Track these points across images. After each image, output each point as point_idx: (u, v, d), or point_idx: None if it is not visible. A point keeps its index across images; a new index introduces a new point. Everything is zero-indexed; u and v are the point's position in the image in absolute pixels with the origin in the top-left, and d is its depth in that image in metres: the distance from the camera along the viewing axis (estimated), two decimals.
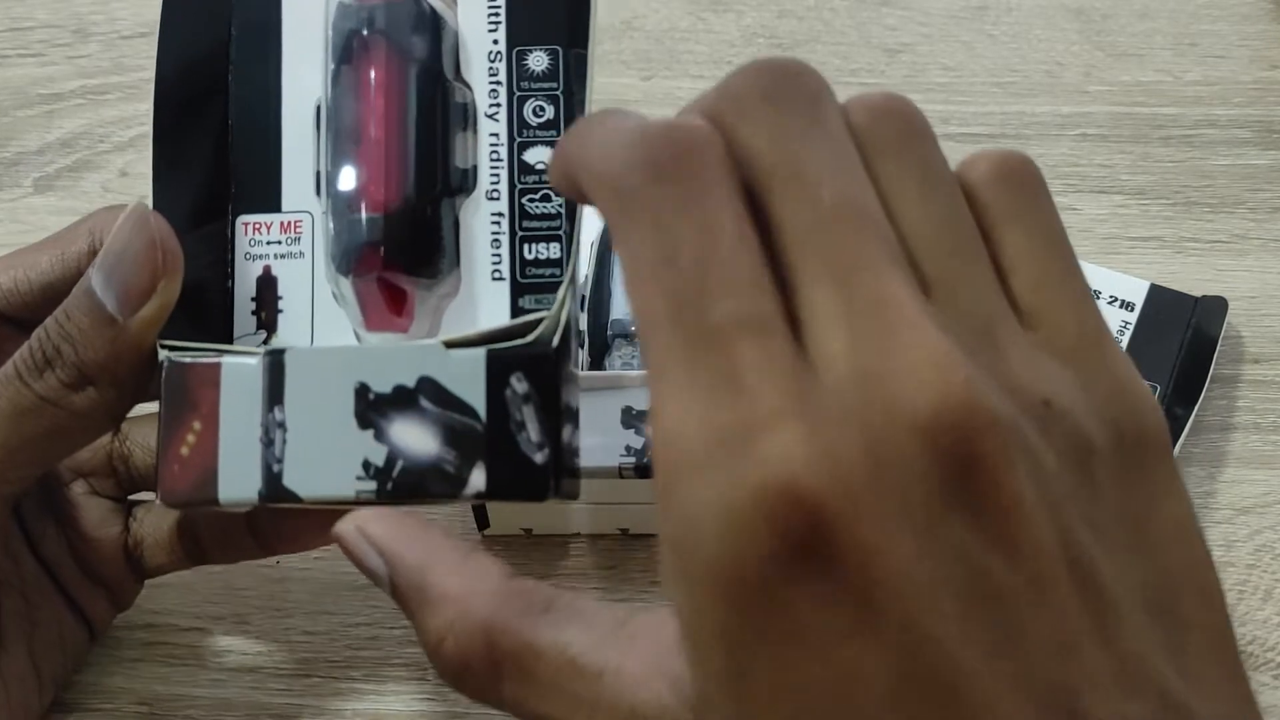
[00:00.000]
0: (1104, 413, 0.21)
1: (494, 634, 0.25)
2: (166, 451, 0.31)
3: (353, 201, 0.32)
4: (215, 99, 0.33)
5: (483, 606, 0.26)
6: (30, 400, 0.31)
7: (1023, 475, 0.19)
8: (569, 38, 0.32)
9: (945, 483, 0.19)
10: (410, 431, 0.29)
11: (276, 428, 0.30)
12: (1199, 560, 0.22)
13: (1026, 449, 0.20)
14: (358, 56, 0.32)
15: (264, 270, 0.33)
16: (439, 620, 0.26)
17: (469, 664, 0.26)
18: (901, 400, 0.19)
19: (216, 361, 0.31)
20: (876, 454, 0.19)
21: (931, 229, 0.22)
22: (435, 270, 0.32)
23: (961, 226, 0.22)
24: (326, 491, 0.30)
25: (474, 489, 0.29)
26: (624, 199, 0.21)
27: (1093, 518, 0.21)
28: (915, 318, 0.20)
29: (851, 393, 0.19)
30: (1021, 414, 0.20)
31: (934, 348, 0.19)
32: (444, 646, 0.26)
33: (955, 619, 0.19)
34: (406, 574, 0.27)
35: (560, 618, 0.25)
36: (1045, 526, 0.19)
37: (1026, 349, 0.21)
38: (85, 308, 0.30)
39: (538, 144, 0.32)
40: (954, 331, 0.20)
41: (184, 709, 0.38)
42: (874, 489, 0.19)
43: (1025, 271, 0.23)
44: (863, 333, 0.20)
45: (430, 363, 0.30)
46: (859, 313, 0.20)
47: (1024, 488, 0.19)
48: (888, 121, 0.23)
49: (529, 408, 0.29)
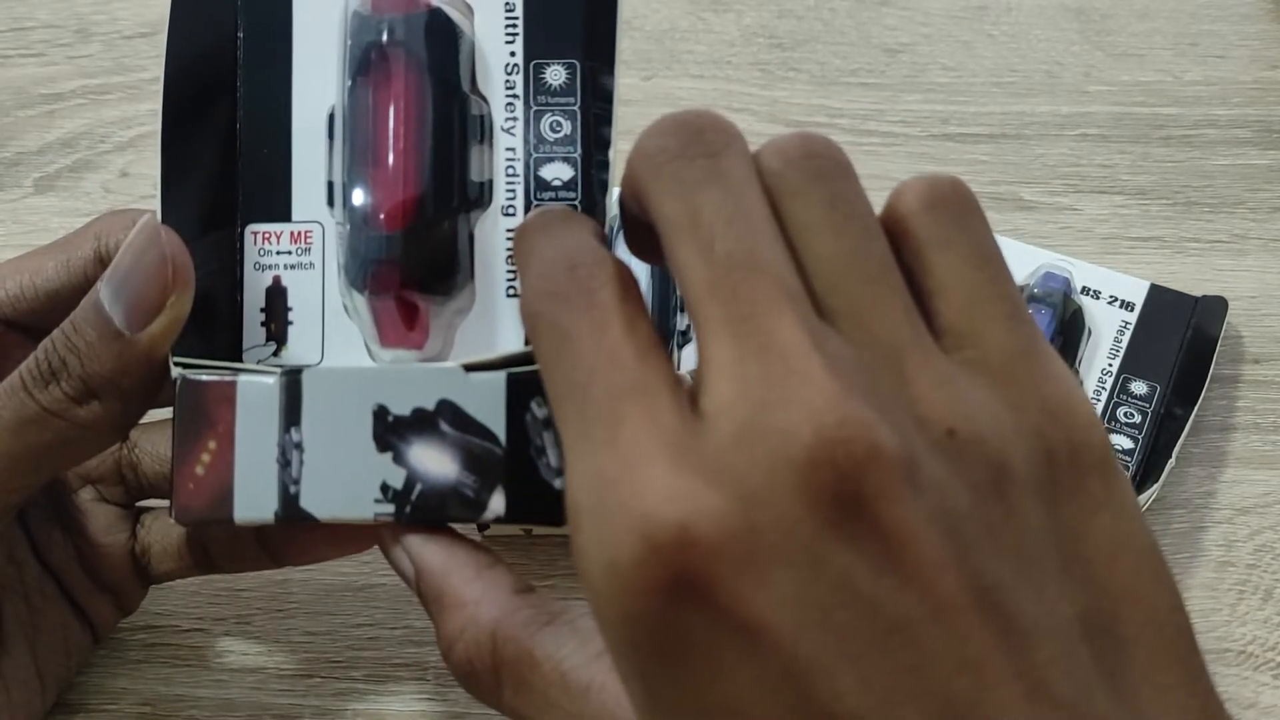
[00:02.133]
0: (1031, 432, 0.22)
1: (498, 640, 0.27)
2: (181, 469, 0.31)
3: (369, 217, 0.31)
4: (222, 103, 0.33)
5: (491, 614, 0.27)
6: (34, 411, 0.31)
7: (911, 505, 0.20)
8: (587, 52, 0.32)
9: (828, 519, 0.20)
10: (429, 455, 0.29)
11: (293, 449, 0.30)
12: (1142, 574, 0.22)
13: (918, 480, 0.20)
14: (375, 69, 0.32)
15: (274, 280, 0.33)
16: (452, 625, 0.27)
17: (475, 667, 0.27)
18: (781, 441, 0.20)
19: (232, 380, 0.30)
20: (754, 497, 0.20)
21: (841, 262, 0.22)
22: (450, 287, 0.31)
23: (872, 257, 0.23)
24: (344, 514, 0.30)
25: (493, 514, 0.29)
26: None
27: (1011, 544, 0.21)
28: (802, 358, 0.21)
29: (735, 439, 0.20)
30: (922, 444, 0.21)
31: (818, 386, 0.20)
32: (455, 649, 0.27)
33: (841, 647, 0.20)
34: (429, 579, 0.28)
35: (562, 631, 0.26)
36: (941, 554, 0.20)
37: (939, 376, 0.22)
38: (93, 321, 0.30)
39: (555, 160, 0.32)
40: (850, 367, 0.21)
41: (186, 709, 0.38)
42: (747, 532, 0.20)
43: (953, 294, 0.23)
44: (750, 379, 0.21)
45: (450, 386, 0.29)
46: (749, 359, 0.21)
47: (912, 517, 0.20)
48: (798, 163, 0.23)
49: (549, 433, 0.29)
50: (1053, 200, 0.48)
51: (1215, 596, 0.40)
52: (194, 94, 0.33)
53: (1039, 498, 0.21)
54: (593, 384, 0.22)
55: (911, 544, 0.20)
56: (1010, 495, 0.21)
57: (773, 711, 0.20)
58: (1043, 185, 0.49)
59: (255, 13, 0.33)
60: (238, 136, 0.33)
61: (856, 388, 0.20)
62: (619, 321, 0.23)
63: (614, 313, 0.23)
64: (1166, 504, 0.42)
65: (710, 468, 0.20)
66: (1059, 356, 0.23)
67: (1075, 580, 0.21)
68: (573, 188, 0.32)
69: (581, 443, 0.22)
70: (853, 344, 0.22)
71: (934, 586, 0.20)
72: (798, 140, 0.24)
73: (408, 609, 0.40)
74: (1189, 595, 0.40)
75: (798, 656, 0.20)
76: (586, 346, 0.22)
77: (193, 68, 0.33)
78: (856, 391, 0.20)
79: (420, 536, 0.29)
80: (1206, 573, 0.41)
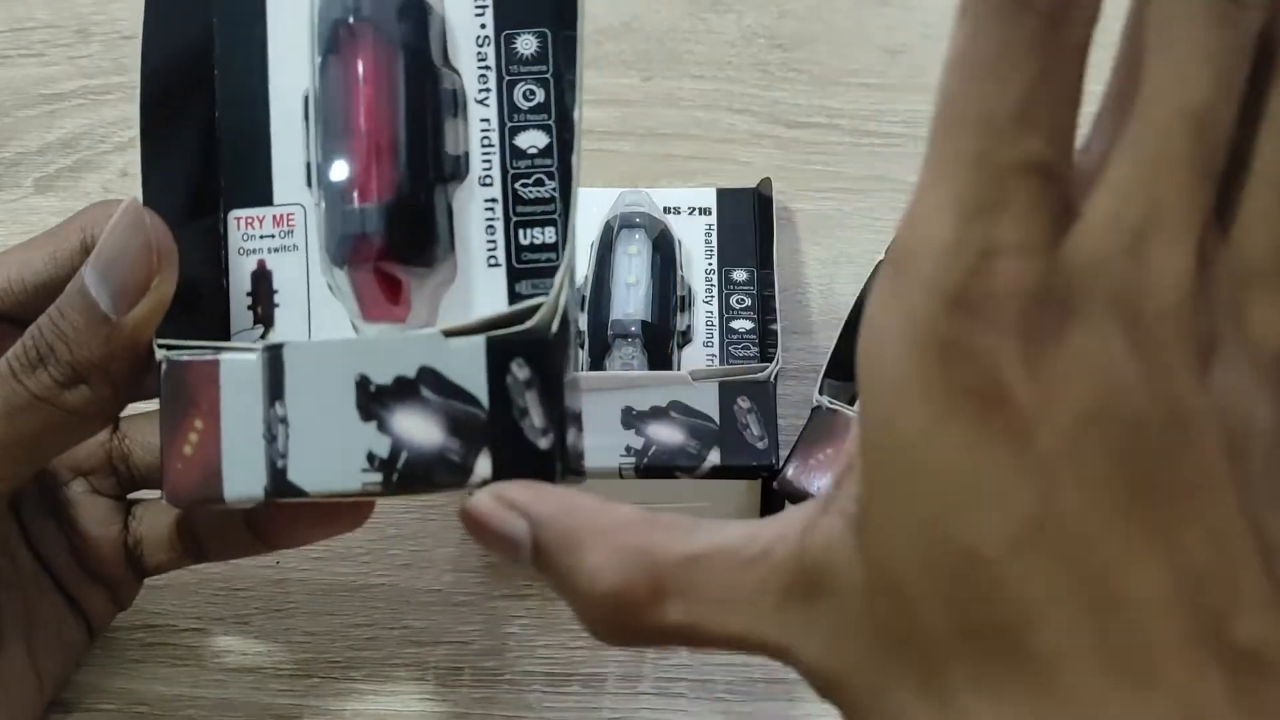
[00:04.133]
0: None
1: (654, 555, 0.25)
2: (169, 451, 0.31)
3: (345, 192, 0.32)
4: (200, 91, 0.33)
5: (639, 534, 0.26)
6: (23, 398, 0.31)
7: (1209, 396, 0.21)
8: (557, 20, 0.32)
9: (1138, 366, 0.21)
10: (413, 422, 0.29)
11: (279, 423, 0.30)
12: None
13: (1227, 382, 0.21)
14: (345, 45, 0.32)
15: (258, 265, 0.33)
16: (595, 557, 0.26)
17: (633, 591, 0.25)
18: (1123, 284, 0.21)
19: (215, 359, 0.31)
20: (1086, 314, 0.21)
21: (1273, 167, 0.22)
22: (430, 258, 0.32)
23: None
24: (332, 486, 0.30)
25: (480, 476, 0.29)
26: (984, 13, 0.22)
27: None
28: (1182, 231, 0.21)
29: (1091, 258, 0.21)
30: (1238, 354, 0.21)
31: (1179, 260, 0.21)
32: (601, 580, 0.26)
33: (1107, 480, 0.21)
34: (553, 525, 0.27)
35: (710, 528, 0.26)
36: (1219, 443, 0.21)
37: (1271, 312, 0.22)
38: (79, 306, 0.30)
39: (529, 128, 0.32)
40: (1213, 262, 0.22)
41: (185, 709, 0.38)
42: (1072, 335, 0.21)
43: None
44: (1128, 220, 0.21)
45: (430, 352, 0.29)
46: (1138, 202, 0.21)
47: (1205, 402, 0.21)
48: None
49: (531, 393, 0.29)
50: None
51: None
52: (172, 83, 0.33)
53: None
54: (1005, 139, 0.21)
55: (1196, 421, 0.21)
56: None
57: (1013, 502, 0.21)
58: None
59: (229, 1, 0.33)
60: (217, 124, 0.33)
61: (1205, 280, 0.21)
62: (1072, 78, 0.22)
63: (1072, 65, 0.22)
64: None
65: (1067, 266, 0.21)
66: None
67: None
68: (548, 154, 0.32)
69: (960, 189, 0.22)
70: (1229, 245, 0.22)
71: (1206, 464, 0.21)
72: None
73: (407, 609, 0.40)
74: None
75: (1060, 468, 0.21)
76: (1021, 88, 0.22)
77: (170, 59, 0.33)
78: (1202, 283, 0.21)
79: (528, 491, 0.27)
80: None
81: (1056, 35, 0.22)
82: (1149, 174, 0.22)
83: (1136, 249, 0.21)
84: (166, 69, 0.33)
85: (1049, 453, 0.21)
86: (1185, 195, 0.21)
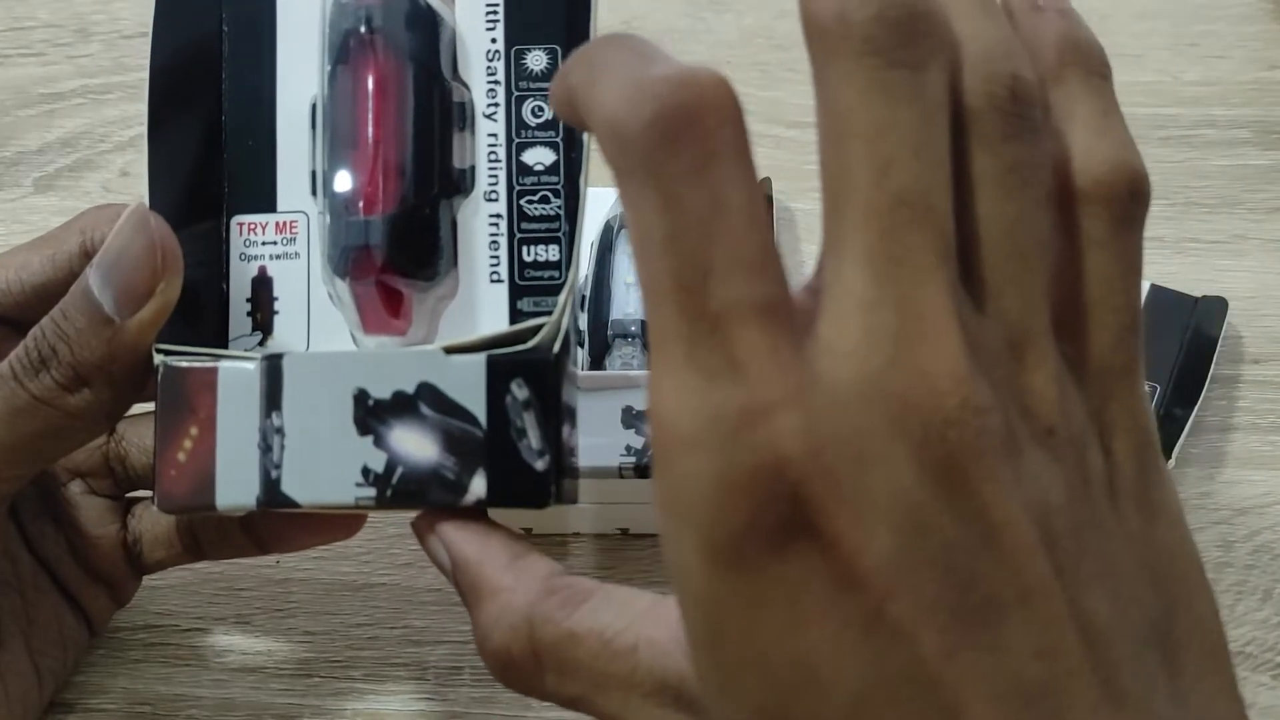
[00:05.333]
0: (1108, 442, 0.22)
1: (535, 625, 0.26)
2: (163, 457, 0.31)
3: (350, 203, 0.31)
4: (207, 94, 0.33)
5: (525, 599, 0.26)
6: (25, 400, 0.31)
7: (1013, 492, 0.20)
8: (568, 37, 0.32)
9: (935, 491, 0.20)
10: (410, 438, 0.29)
11: (274, 433, 0.30)
12: (1191, 582, 0.23)
13: (1019, 469, 0.20)
14: (355, 56, 0.32)
15: (259, 271, 0.33)
16: (487, 614, 0.27)
17: (513, 656, 0.26)
18: (901, 407, 0.20)
19: (213, 366, 0.30)
20: (869, 453, 0.20)
21: (1002, 231, 0.22)
22: (433, 272, 0.32)
23: (1033, 233, 0.22)
24: (325, 499, 0.30)
25: (474, 496, 0.29)
26: (630, 158, 0.20)
27: (1094, 545, 0.21)
28: (940, 326, 0.20)
29: (856, 390, 0.20)
30: (1026, 435, 0.21)
31: (948, 360, 0.20)
32: (491, 639, 0.27)
33: (930, 615, 0.19)
34: (464, 569, 0.28)
35: (599, 605, 0.26)
36: (1034, 542, 0.20)
37: (1054, 372, 0.22)
38: (82, 308, 0.30)
39: (537, 145, 0.32)
40: (980, 343, 0.21)
41: (186, 709, 0.38)
42: (859, 483, 0.19)
43: (1087, 291, 0.23)
44: (884, 329, 0.20)
45: (430, 368, 0.29)
46: (887, 306, 0.20)
47: (1012, 502, 0.20)
48: (1003, 111, 0.22)
49: (529, 414, 0.29)
50: None
51: None
52: (179, 87, 0.33)
53: (1113, 504, 0.22)
54: (708, 285, 0.20)
55: (1010, 528, 0.20)
56: (1094, 499, 0.22)
57: (847, 665, 0.20)
58: None
59: (239, 5, 0.33)
60: (223, 128, 0.33)
61: (980, 368, 0.20)
62: (742, 200, 0.20)
63: (737, 184, 0.20)
64: None
65: (830, 408, 0.20)
66: (1143, 383, 0.23)
67: (1144, 585, 0.22)
68: (555, 171, 0.32)
69: (685, 354, 0.20)
70: (986, 317, 0.21)
71: (1025, 572, 0.20)
72: (1009, 82, 0.22)
73: (407, 609, 0.40)
74: None
75: (884, 615, 0.20)
76: (700, 230, 0.20)
77: (178, 61, 0.33)
78: (980, 372, 0.20)
79: (455, 525, 0.28)
80: None
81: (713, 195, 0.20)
82: (884, 272, 0.20)
83: (900, 361, 0.20)
84: (174, 68, 0.33)
85: (872, 611, 0.20)
86: (933, 289, 0.20)
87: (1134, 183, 0.23)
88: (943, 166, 0.21)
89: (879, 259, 0.20)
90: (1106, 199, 0.23)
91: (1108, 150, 0.23)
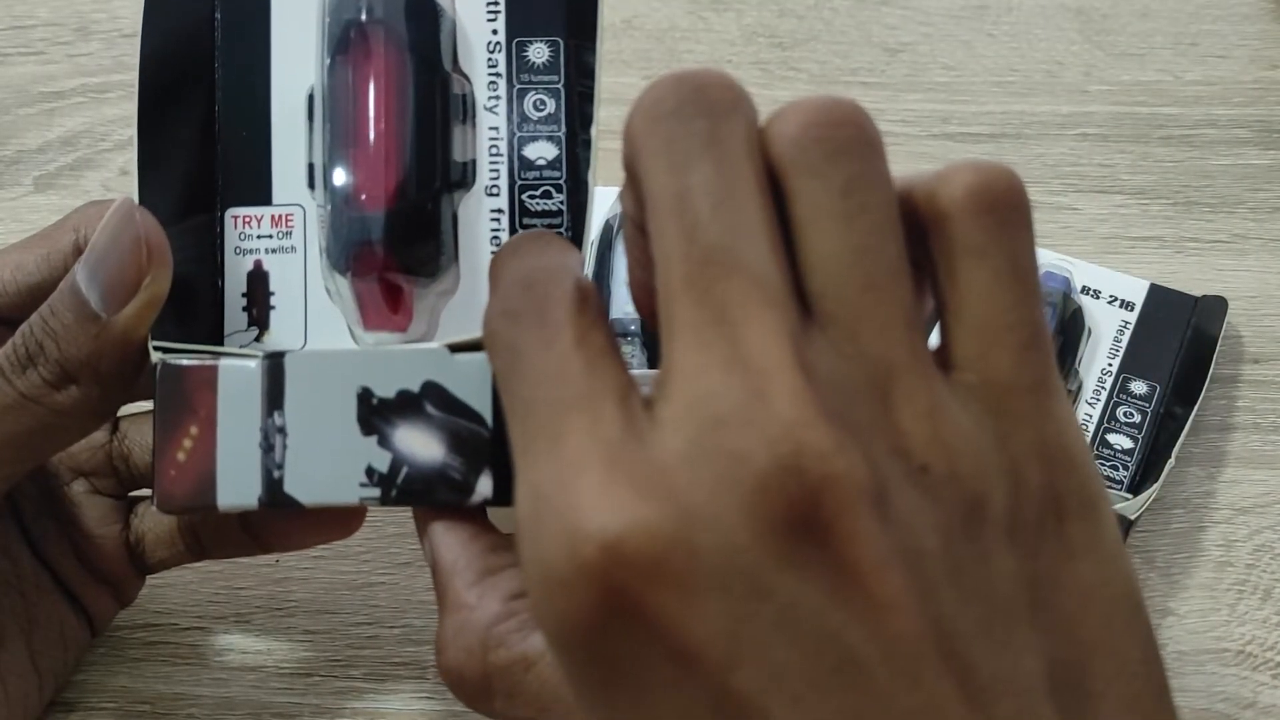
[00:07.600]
0: (1013, 472, 0.21)
1: (488, 647, 0.26)
2: (162, 456, 0.30)
3: (350, 198, 0.31)
4: (199, 86, 0.33)
5: (482, 621, 0.26)
6: (12, 398, 0.30)
7: (872, 538, 0.19)
8: (570, 29, 0.32)
9: (776, 548, 0.19)
10: (415, 437, 0.29)
11: (276, 433, 0.30)
12: (1114, 625, 0.21)
13: (886, 513, 0.19)
14: (355, 47, 0.32)
15: (255, 265, 0.32)
16: (445, 629, 0.27)
17: (464, 675, 0.26)
18: (730, 464, 0.19)
19: (214, 364, 0.30)
20: (695, 518, 0.19)
21: (843, 262, 0.20)
22: (434, 268, 0.31)
23: (880, 259, 0.21)
24: (329, 499, 0.30)
25: (481, 496, 0.29)
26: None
27: (978, 589, 0.20)
28: (772, 374, 0.19)
29: (682, 456, 0.19)
30: (895, 476, 0.20)
31: (780, 407, 0.19)
32: (445, 654, 0.27)
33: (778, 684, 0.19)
34: (437, 574, 0.28)
35: None
36: (901, 591, 0.19)
37: (926, 404, 0.20)
38: (69, 304, 0.30)
39: (539, 139, 0.32)
40: (828, 385, 0.20)
41: (186, 708, 0.38)
42: (683, 553, 0.19)
43: (974, 312, 0.21)
44: (709, 392, 0.19)
45: (435, 367, 0.29)
46: (712, 369, 0.19)
47: (871, 550, 0.19)
48: (817, 135, 0.21)
49: None
50: (1052, 200, 0.48)
51: (1214, 596, 0.40)
52: (171, 78, 0.32)
53: (1013, 541, 0.20)
54: (537, 398, 0.21)
55: (868, 578, 0.19)
56: (983, 538, 0.20)
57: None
58: (1042, 185, 0.49)
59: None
60: (216, 120, 0.33)
61: (827, 411, 0.19)
62: (569, 335, 0.22)
63: (564, 327, 0.22)
64: (1166, 504, 0.42)
65: (651, 482, 0.19)
66: (1065, 395, 0.21)
67: (1044, 631, 0.20)
68: (557, 166, 0.32)
69: (524, 457, 0.21)
70: (840, 356, 0.20)
71: (889, 625, 0.19)
72: (821, 107, 0.21)
73: (407, 608, 0.40)
74: (1188, 595, 0.40)
75: (730, 689, 0.19)
76: (534, 362, 0.22)
77: (169, 49, 0.32)
78: (826, 415, 0.19)
79: (443, 526, 0.28)
80: (1205, 573, 0.41)
81: None
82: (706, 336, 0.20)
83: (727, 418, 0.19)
84: (165, 57, 0.32)
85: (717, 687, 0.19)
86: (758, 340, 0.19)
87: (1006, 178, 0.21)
88: (751, 211, 0.20)
89: (699, 324, 0.20)
90: (977, 206, 0.21)
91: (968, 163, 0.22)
